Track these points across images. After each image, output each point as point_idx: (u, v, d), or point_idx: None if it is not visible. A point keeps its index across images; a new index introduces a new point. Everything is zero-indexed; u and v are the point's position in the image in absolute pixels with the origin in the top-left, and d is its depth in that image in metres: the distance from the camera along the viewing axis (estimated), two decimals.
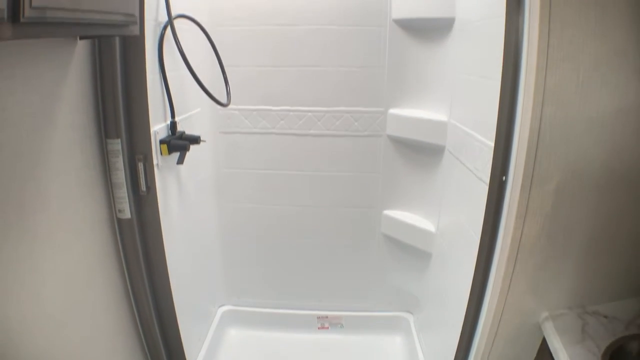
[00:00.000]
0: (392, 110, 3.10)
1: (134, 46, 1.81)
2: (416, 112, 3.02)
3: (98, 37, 1.70)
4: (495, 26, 1.91)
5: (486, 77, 2.13)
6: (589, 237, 1.87)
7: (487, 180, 1.93)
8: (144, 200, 1.97)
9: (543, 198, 1.74)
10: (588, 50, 1.64)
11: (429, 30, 2.93)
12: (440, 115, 2.87)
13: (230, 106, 2.73)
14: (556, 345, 1.78)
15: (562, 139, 1.69)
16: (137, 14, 1.51)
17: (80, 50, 1.66)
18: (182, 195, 2.61)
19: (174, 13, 2.29)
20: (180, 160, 2.35)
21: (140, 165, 1.90)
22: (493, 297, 1.91)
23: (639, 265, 2.05)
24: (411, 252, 3.21)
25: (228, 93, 2.73)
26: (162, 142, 2.22)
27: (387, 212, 3.28)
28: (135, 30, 1.52)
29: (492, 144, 1.88)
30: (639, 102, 1.73)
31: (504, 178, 1.82)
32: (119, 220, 1.93)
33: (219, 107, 2.67)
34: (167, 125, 2.34)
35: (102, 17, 1.31)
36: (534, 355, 2.05)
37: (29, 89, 1.40)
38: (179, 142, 2.31)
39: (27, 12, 0.94)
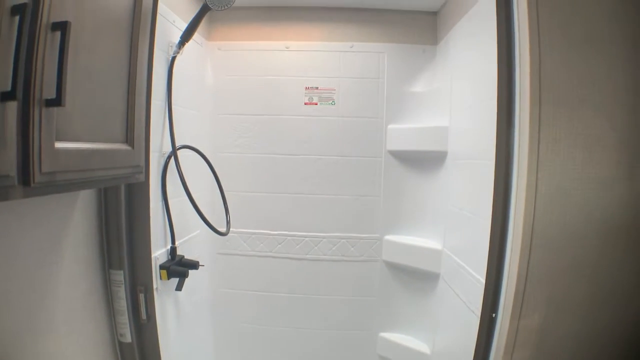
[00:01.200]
0: (387, 237, 3.16)
1: (138, 188, 1.90)
2: (411, 240, 3.08)
3: None
4: (485, 167, 1.99)
5: (477, 215, 2.20)
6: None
7: (479, 313, 1.94)
8: (144, 327, 1.99)
9: (530, 333, 1.76)
10: (575, 193, 1.71)
11: (423, 161, 3.05)
12: (434, 244, 2.93)
13: (231, 229, 2.77)
14: None
15: (548, 278, 1.73)
16: (143, 164, 1.57)
17: (87, 190, 1.74)
18: (180, 316, 2.60)
19: (178, 143, 2.39)
20: (179, 287, 2.37)
21: (141, 296, 1.93)
22: None
23: None
24: None
25: (228, 222, 2.78)
26: (162, 267, 2.25)
27: (384, 334, 3.25)
28: (140, 177, 1.57)
29: (483, 279, 1.91)
30: (623, 237, 1.78)
31: (493, 315, 1.84)
32: (120, 344, 1.96)
33: None
34: (168, 250, 2.37)
35: (110, 173, 1.37)
36: None
37: (38, 226, 1.46)
38: (179, 269, 2.33)
39: (38, 178, 0.99)
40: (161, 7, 2.12)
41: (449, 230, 2.76)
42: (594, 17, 1.74)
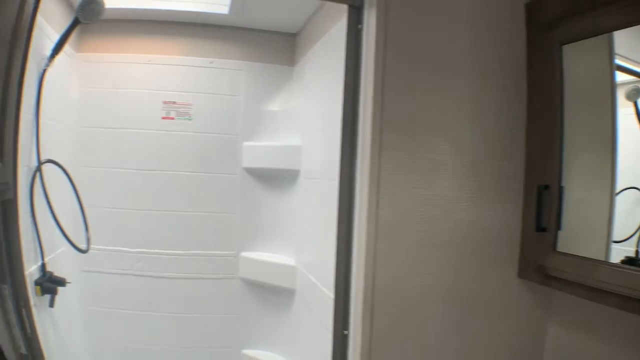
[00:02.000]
0: (244, 254, 3.27)
1: (9, 204, 1.88)
2: (267, 256, 3.22)
3: None
4: (332, 187, 2.09)
5: (325, 232, 2.29)
6: None
7: (332, 328, 2.03)
8: (32, 340, 1.98)
9: (385, 347, 1.89)
10: (419, 215, 1.89)
11: (277, 178, 3.22)
12: (289, 260, 3.08)
13: (91, 245, 2.79)
14: None
15: (398, 295, 1.88)
16: (11, 181, 1.56)
17: None
18: (58, 333, 2.60)
19: (44, 157, 2.41)
20: (51, 304, 2.42)
21: (23, 311, 1.94)
22: None
23: None
24: None
25: (88, 239, 2.80)
26: (36, 283, 2.28)
27: (245, 351, 3.33)
28: (9, 194, 1.56)
29: (333, 296, 2.04)
30: (471, 255, 2.00)
31: (345, 332, 1.95)
32: (21, 355, 1.93)
33: None
34: (39, 266, 2.38)
35: None
36: None
37: None
38: (49, 285, 2.38)
39: None
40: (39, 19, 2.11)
41: (302, 246, 2.92)
42: (443, 50, 1.94)
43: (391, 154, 1.82)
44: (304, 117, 3.00)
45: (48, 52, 2.43)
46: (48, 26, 2.46)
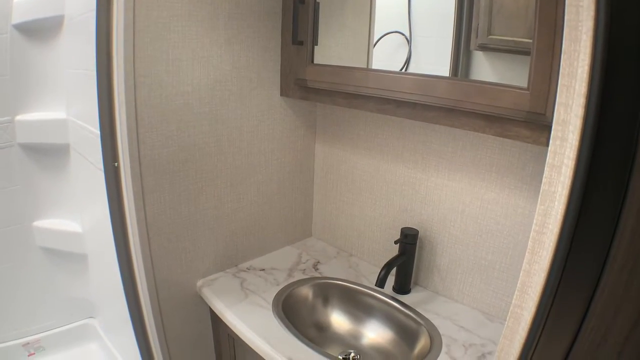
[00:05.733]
0: (19, 117, 2.99)
1: None
2: (41, 115, 3.00)
3: None
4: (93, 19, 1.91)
5: (92, 70, 2.14)
6: (210, 207, 2.07)
7: (103, 165, 1.96)
8: None
9: (155, 176, 1.85)
10: (176, 29, 1.76)
11: (44, 30, 2.91)
12: (60, 114, 2.94)
13: None
14: (219, 307, 1.91)
15: (160, 116, 1.81)
16: None
17: None
18: None
19: None
20: None
21: None
22: (142, 279, 1.93)
23: (287, 215, 2.34)
24: (69, 258, 3.17)
25: None
26: None
27: (37, 223, 3.16)
28: None
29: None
30: (229, 70, 1.95)
31: (115, 164, 1.85)
32: None
33: None
34: None
35: None
36: (210, 323, 2.17)
37: None
38: None
39: None
40: None
41: (72, 96, 2.78)
42: None
43: None
44: None
45: None
46: None
